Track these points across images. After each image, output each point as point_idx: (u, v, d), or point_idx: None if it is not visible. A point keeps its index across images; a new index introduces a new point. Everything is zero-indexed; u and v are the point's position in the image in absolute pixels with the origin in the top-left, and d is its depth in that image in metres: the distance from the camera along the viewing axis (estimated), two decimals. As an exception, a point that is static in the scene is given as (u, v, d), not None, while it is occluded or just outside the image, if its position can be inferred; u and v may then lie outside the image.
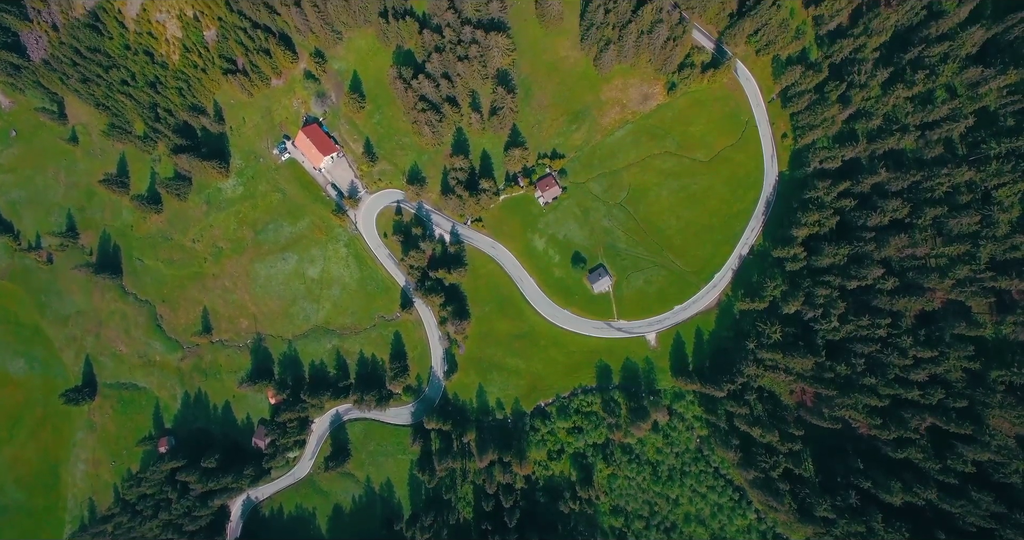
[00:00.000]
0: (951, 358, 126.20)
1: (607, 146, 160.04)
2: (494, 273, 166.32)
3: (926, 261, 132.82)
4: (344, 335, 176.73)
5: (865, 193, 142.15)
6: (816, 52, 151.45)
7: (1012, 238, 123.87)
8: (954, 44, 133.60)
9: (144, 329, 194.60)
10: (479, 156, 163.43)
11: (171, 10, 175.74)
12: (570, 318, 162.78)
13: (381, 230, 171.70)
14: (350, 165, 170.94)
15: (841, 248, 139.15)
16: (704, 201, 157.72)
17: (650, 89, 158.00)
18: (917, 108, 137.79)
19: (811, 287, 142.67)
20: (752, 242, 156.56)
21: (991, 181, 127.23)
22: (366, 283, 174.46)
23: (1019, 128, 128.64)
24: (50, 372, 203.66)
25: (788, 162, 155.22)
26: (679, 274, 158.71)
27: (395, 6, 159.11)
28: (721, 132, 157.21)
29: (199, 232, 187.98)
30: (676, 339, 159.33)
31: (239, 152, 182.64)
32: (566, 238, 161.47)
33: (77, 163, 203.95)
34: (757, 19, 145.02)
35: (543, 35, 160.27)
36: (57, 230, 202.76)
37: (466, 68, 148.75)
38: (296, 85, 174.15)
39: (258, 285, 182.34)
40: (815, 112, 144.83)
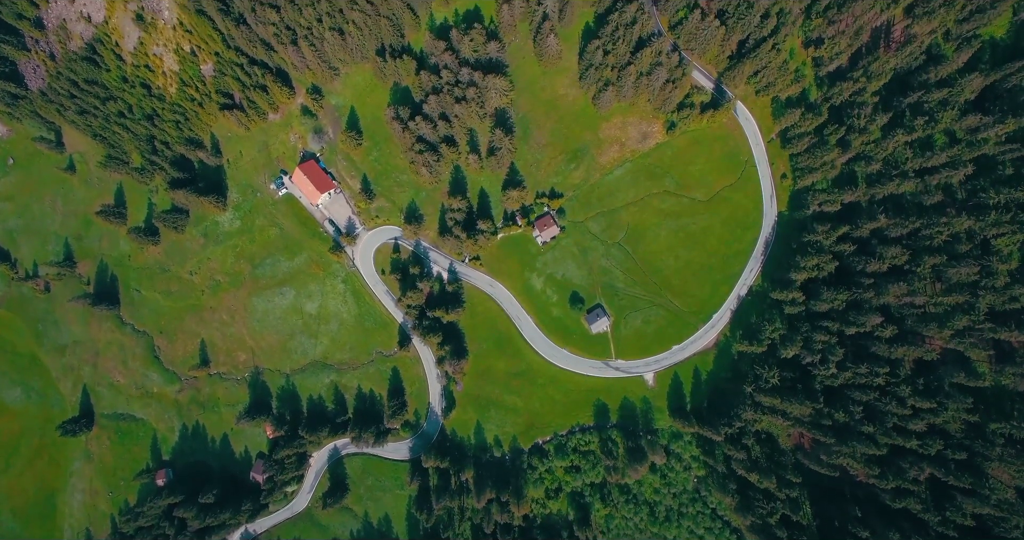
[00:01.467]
0: (950, 409, 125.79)
1: (606, 185, 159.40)
2: (492, 311, 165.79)
3: (925, 309, 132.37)
4: (342, 370, 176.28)
5: (864, 238, 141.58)
6: (816, 93, 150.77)
7: (1011, 289, 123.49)
8: (953, 91, 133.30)
9: (142, 360, 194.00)
10: (477, 194, 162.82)
11: (168, 44, 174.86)
12: (568, 357, 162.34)
13: (379, 266, 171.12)
14: (347, 201, 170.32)
15: (840, 293, 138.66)
16: (703, 241, 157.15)
17: (649, 128, 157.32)
18: (917, 153, 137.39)
19: (809, 332, 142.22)
20: (751, 282, 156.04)
21: (990, 231, 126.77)
22: (364, 319, 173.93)
23: (1018, 177, 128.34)
24: (47, 402, 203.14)
25: (787, 203, 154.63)
26: (677, 314, 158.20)
27: (392, 44, 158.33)
28: (720, 172, 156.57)
29: (196, 264, 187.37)
30: (674, 379, 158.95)
31: (236, 186, 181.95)
32: (564, 277, 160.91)
33: (74, 192, 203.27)
34: (757, 61, 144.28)
35: (541, 73, 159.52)
36: (54, 259, 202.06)
37: (464, 109, 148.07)
38: (293, 120, 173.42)
39: (256, 319, 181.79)
40: (814, 155, 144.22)
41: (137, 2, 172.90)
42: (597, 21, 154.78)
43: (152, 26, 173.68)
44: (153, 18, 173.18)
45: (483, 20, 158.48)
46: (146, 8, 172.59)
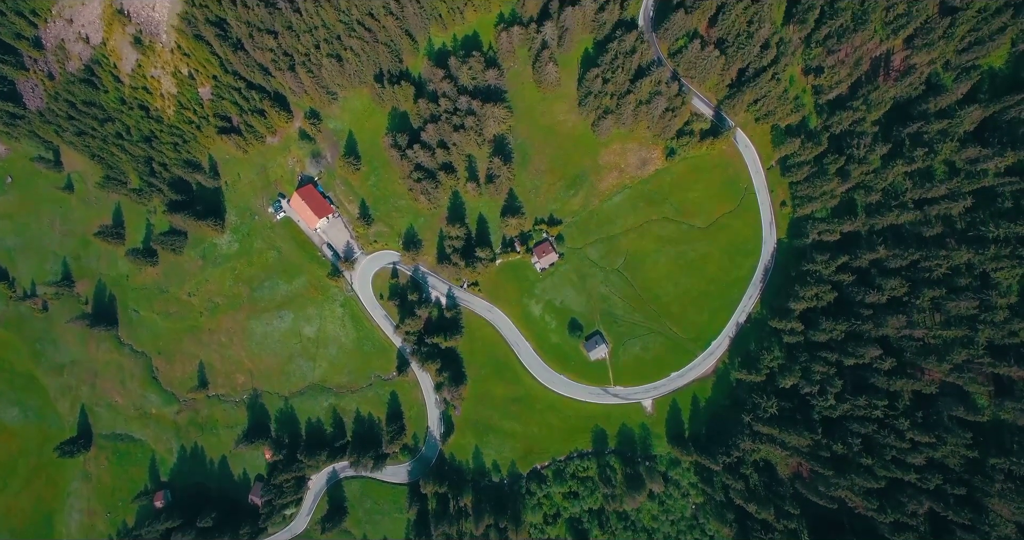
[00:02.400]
0: (949, 443, 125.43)
1: (605, 211, 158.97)
2: (490, 337, 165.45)
3: (924, 342, 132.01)
4: (341, 393, 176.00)
5: (864, 267, 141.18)
6: (816, 120, 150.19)
7: (1011, 324, 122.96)
8: (952, 122, 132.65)
9: (140, 381, 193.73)
10: (475, 220, 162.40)
11: (166, 67, 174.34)
12: (566, 383, 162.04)
13: (377, 291, 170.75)
14: (346, 225, 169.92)
15: (839, 324, 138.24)
16: (702, 268, 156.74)
17: (648, 154, 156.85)
18: (916, 184, 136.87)
19: (808, 362, 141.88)
20: (750, 309, 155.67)
21: (990, 264, 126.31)
22: (362, 343, 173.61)
23: (1017, 210, 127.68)
24: (45, 421, 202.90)
25: (787, 230, 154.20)
26: (676, 341, 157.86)
27: (390, 70, 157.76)
28: (720, 198, 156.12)
29: (195, 286, 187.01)
30: (672, 406, 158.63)
31: (234, 208, 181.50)
32: (563, 304, 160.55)
33: (73, 211, 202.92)
34: (756, 90, 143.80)
35: (540, 99, 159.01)
36: (52, 278, 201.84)
37: (462, 138, 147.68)
38: (291, 143, 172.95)
39: (254, 342, 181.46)
40: (814, 185, 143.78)
41: (135, 25, 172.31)
42: (596, 47, 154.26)
43: (150, 49, 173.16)
44: (151, 41, 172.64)
45: (482, 46, 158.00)
46: (144, 31, 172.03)
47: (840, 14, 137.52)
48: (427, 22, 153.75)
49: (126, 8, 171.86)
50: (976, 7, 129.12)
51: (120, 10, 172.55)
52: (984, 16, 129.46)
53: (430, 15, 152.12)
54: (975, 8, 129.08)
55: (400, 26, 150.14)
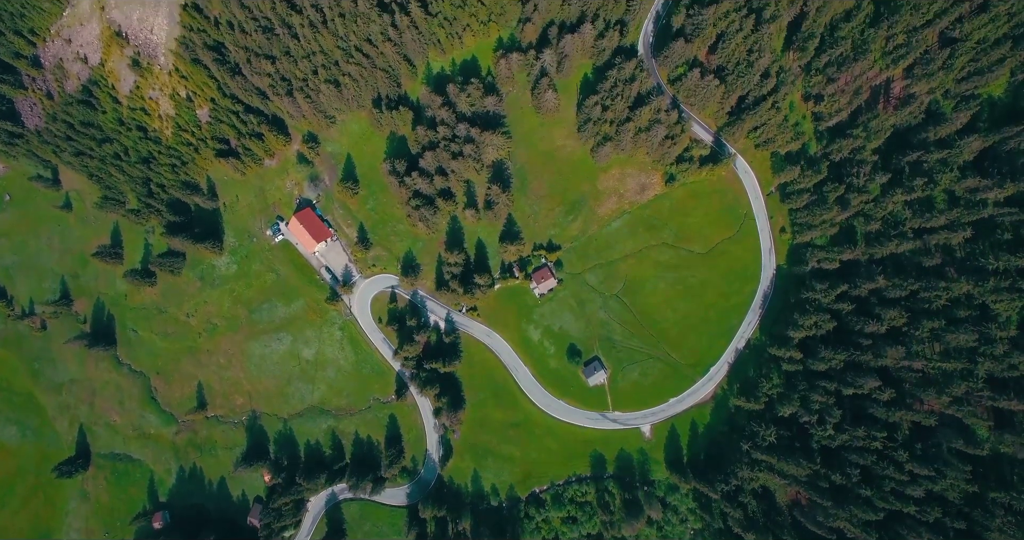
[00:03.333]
0: (948, 477, 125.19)
1: (604, 237, 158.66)
2: (489, 361, 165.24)
3: (924, 373, 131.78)
4: (339, 416, 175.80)
5: (863, 296, 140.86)
6: (815, 146, 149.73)
7: (1010, 357, 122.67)
8: (952, 152, 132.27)
9: (138, 401, 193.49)
10: (474, 245, 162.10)
11: (164, 88, 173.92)
12: (565, 409, 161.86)
13: (376, 315, 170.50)
14: (344, 249, 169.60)
15: (838, 353, 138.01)
16: (701, 294, 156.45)
17: (648, 179, 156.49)
18: (916, 214, 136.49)
19: (807, 391, 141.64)
20: (749, 336, 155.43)
21: (989, 297, 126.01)
22: (361, 366, 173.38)
23: (1017, 242, 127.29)
24: (43, 440, 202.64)
25: (786, 256, 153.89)
26: (675, 366, 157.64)
27: (388, 94, 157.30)
28: (719, 224, 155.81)
29: (193, 307, 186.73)
30: (671, 431, 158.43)
31: (232, 230, 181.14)
32: (562, 330, 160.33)
33: (71, 230, 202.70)
34: (756, 118, 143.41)
35: (539, 124, 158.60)
36: (51, 297, 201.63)
37: (460, 165, 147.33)
38: (289, 166, 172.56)
39: (253, 363, 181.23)
40: (813, 213, 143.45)
41: (133, 47, 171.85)
42: (595, 73, 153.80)
43: (148, 71, 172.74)
44: (149, 63, 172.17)
45: (480, 71, 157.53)
46: (142, 53, 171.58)
47: (840, 43, 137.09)
48: (425, 47, 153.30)
49: (124, 30, 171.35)
50: (975, 38, 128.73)
51: (118, 32, 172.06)
52: (983, 47, 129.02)
53: (428, 41, 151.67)
54: (974, 40, 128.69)
55: (398, 52, 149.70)
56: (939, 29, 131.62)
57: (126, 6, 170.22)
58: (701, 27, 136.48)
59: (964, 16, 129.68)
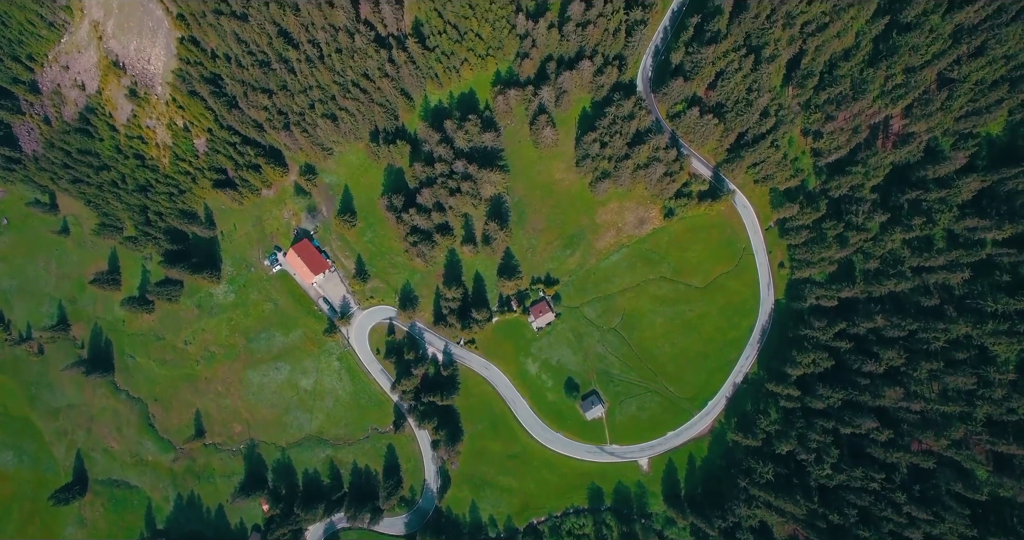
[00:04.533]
0: (947, 521, 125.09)
1: (602, 270, 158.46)
2: (487, 393, 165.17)
3: (922, 415, 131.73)
4: (338, 445, 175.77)
5: (862, 335, 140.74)
6: (814, 181, 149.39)
7: (1009, 401, 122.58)
8: (951, 191, 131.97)
9: (136, 427, 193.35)
10: (472, 278, 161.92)
11: (161, 118, 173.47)
12: (563, 441, 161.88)
13: (374, 346, 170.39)
14: (342, 280, 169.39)
15: (836, 392, 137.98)
16: (699, 328, 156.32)
17: (646, 213, 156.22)
18: (915, 253, 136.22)
19: (805, 429, 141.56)
20: (747, 370, 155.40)
21: (987, 339, 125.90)
22: (359, 396, 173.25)
23: (1016, 284, 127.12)
24: (40, 466, 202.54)
25: (784, 291, 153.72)
26: (672, 400, 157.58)
27: (386, 127, 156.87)
28: (717, 258, 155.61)
29: (191, 334, 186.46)
30: (668, 465, 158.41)
31: (230, 258, 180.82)
32: (559, 363, 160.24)
33: (68, 254, 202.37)
34: (755, 154, 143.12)
35: (537, 157, 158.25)
36: (48, 322, 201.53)
37: (458, 201, 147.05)
38: (287, 197, 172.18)
39: (251, 392, 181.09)
40: (812, 250, 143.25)
41: (130, 77, 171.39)
42: (594, 107, 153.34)
43: (145, 101, 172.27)
44: (146, 93, 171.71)
45: (478, 104, 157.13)
46: (139, 83, 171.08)
47: (839, 82, 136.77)
48: (423, 81, 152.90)
49: (121, 60, 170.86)
50: (973, 80, 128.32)
51: (115, 62, 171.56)
52: (981, 88, 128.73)
53: (426, 74, 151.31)
54: (972, 81, 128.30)
55: (395, 86, 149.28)
56: (937, 69, 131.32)
57: (123, 36, 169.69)
58: (700, 65, 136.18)
59: (962, 58, 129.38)
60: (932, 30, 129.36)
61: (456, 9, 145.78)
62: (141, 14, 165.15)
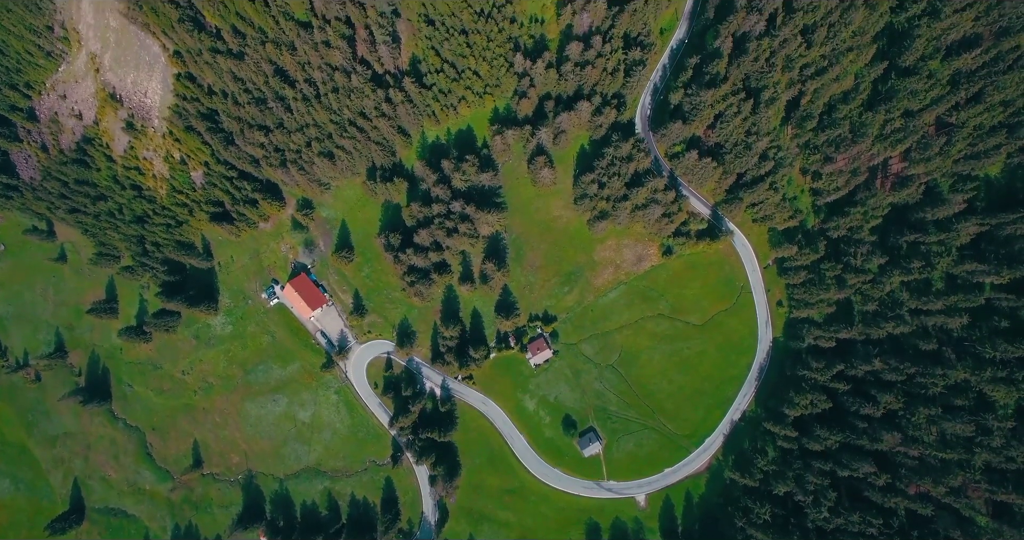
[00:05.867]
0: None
1: (600, 307, 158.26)
2: (485, 428, 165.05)
3: (921, 459, 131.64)
4: (336, 477, 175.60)
5: (860, 377, 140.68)
6: (813, 219, 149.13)
7: (1008, 450, 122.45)
8: (949, 235, 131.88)
9: (134, 456, 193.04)
10: (470, 314, 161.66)
11: (158, 150, 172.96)
12: (560, 477, 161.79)
13: (372, 380, 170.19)
14: (339, 314, 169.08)
15: (833, 434, 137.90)
16: (697, 365, 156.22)
17: (645, 250, 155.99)
18: (914, 296, 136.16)
19: (802, 470, 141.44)
20: (744, 407, 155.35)
21: (986, 386, 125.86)
22: (357, 429, 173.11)
23: (1015, 330, 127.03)
24: (36, 493, 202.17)
25: (783, 329, 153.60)
26: (670, 437, 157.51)
27: (383, 164, 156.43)
28: (716, 296, 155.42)
29: (189, 365, 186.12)
30: (666, 501, 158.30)
31: (228, 290, 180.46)
32: (557, 400, 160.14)
33: (66, 281, 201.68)
34: (754, 195, 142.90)
35: (535, 195, 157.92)
36: (45, 349, 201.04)
37: (456, 241, 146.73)
38: (284, 230, 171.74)
39: (249, 424, 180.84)
40: (810, 292, 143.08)
41: (127, 110, 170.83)
42: (592, 144, 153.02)
43: (142, 133, 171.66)
44: (143, 125, 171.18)
45: (476, 140, 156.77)
46: (136, 116, 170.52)
47: (838, 124, 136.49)
48: (420, 118, 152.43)
49: (118, 93, 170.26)
50: (971, 125, 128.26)
51: (112, 94, 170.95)
52: (979, 133, 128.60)
53: (423, 112, 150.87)
54: (970, 126, 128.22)
55: (392, 125, 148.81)
56: (936, 114, 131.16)
57: (120, 69, 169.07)
58: (699, 108, 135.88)
59: (960, 103, 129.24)
60: (931, 75, 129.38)
61: (453, 47, 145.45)
62: (138, 48, 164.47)
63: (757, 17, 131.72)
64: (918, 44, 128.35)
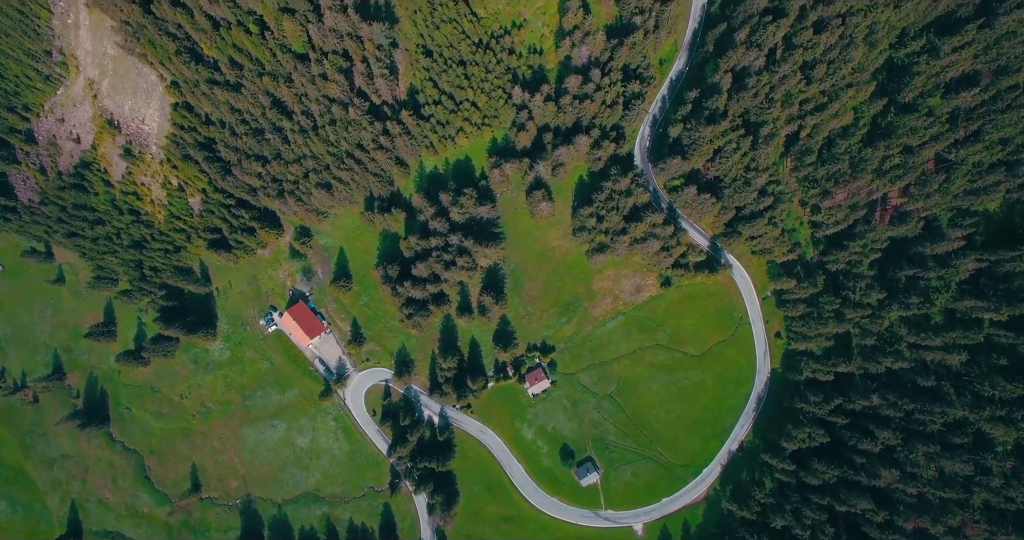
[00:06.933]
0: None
1: (598, 337, 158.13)
2: (483, 456, 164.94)
3: (920, 497, 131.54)
4: (334, 503, 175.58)
5: (858, 411, 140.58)
6: (812, 251, 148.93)
7: (1008, 490, 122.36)
8: (948, 270, 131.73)
9: (132, 479, 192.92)
10: (468, 343, 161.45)
11: (156, 176, 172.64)
12: (558, 506, 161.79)
13: (370, 407, 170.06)
14: (338, 342, 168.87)
15: (831, 468, 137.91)
16: (694, 395, 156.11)
17: (643, 281, 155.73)
18: (912, 331, 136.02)
19: (800, 504, 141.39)
20: (742, 438, 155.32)
21: (985, 425, 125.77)
22: (355, 456, 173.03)
23: (1014, 368, 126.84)
24: (33, 515, 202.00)
25: (781, 360, 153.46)
26: (667, 467, 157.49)
27: (381, 194, 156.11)
28: (714, 327, 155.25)
29: (187, 389, 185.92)
30: (663, 530, 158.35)
31: (225, 315, 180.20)
32: (555, 430, 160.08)
33: (64, 303, 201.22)
34: (753, 229, 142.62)
35: (534, 225, 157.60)
36: (43, 371, 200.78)
37: (453, 274, 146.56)
38: (282, 257, 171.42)
39: (247, 448, 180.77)
40: (809, 325, 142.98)
41: (125, 136, 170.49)
42: (591, 176, 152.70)
43: (140, 160, 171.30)
44: (141, 152, 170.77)
45: (474, 170, 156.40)
46: (134, 142, 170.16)
47: (838, 160, 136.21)
48: (418, 149, 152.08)
49: (116, 119, 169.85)
50: (970, 162, 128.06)
51: (110, 120, 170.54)
52: (979, 171, 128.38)
53: (421, 143, 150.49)
54: (969, 163, 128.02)
55: (390, 156, 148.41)
56: (935, 150, 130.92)
57: (118, 96, 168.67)
58: (698, 144, 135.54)
59: (959, 141, 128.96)
60: (930, 112, 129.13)
61: (451, 79, 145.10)
62: (135, 76, 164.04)
63: (756, 52, 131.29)
64: (917, 81, 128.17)
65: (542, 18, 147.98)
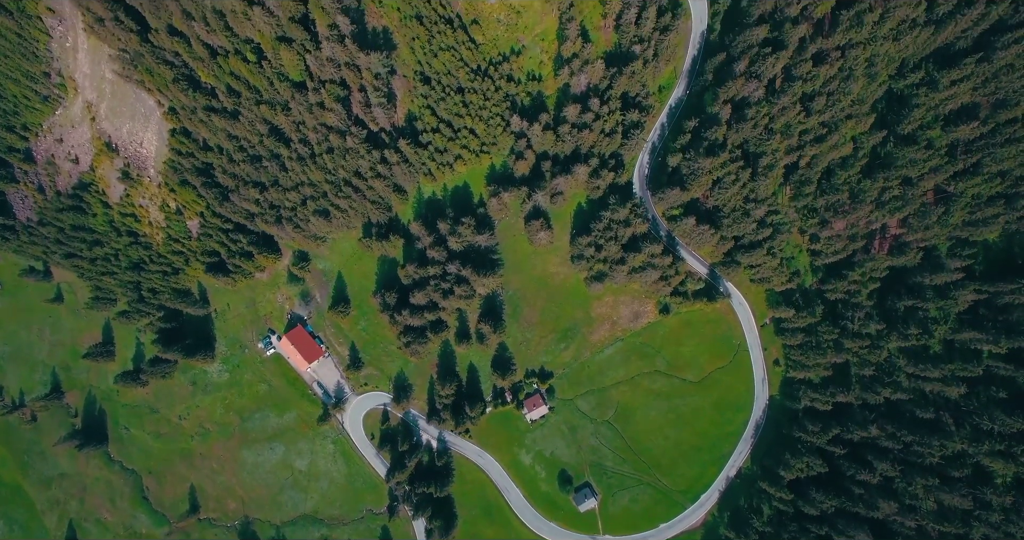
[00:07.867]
0: None
1: (596, 363, 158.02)
2: (481, 480, 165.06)
3: (919, 529, 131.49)
4: (332, 525, 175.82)
5: (856, 441, 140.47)
6: (810, 278, 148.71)
7: (1007, 525, 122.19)
8: (947, 302, 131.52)
9: (130, 500, 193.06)
10: (466, 368, 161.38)
11: (153, 198, 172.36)
12: (556, 531, 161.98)
13: (368, 430, 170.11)
14: (336, 366, 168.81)
15: (829, 498, 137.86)
16: (692, 422, 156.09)
17: (641, 307, 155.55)
18: (911, 362, 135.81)
19: (797, 533, 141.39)
20: (740, 464, 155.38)
21: (984, 458, 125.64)
22: (354, 479, 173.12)
23: (1013, 401, 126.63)
24: (31, 535, 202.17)
25: (779, 388, 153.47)
26: (665, 493, 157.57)
27: (379, 221, 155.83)
28: (712, 354, 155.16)
29: (185, 410, 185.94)
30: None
31: (224, 337, 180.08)
32: (553, 455, 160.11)
33: (62, 322, 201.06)
34: (752, 258, 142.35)
35: (532, 252, 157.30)
36: (42, 390, 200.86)
37: (451, 302, 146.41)
38: (280, 281, 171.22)
39: (246, 470, 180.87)
40: (807, 355, 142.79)
41: (123, 159, 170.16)
42: (590, 204, 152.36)
43: (138, 182, 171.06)
44: (139, 175, 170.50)
45: (472, 196, 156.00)
46: (132, 165, 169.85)
47: (838, 190, 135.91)
48: (416, 176, 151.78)
49: (114, 142, 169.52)
50: (969, 195, 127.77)
51: (108, 143, 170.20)
52: (978, 203, 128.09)
53: (419, 170, 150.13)
54: (968, 195, 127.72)
55: (388, 184, 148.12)
56: (934, 182, 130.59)
57: (116, 119, 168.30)
58: (697, 174, 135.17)
59: (958, 173, 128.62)
60: (929, 145, 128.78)
61: (449, 106, 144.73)
62: (133, 101, 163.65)
63: (756, 84, 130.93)
64: (917, 113, 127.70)
65: (541, 44, 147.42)
